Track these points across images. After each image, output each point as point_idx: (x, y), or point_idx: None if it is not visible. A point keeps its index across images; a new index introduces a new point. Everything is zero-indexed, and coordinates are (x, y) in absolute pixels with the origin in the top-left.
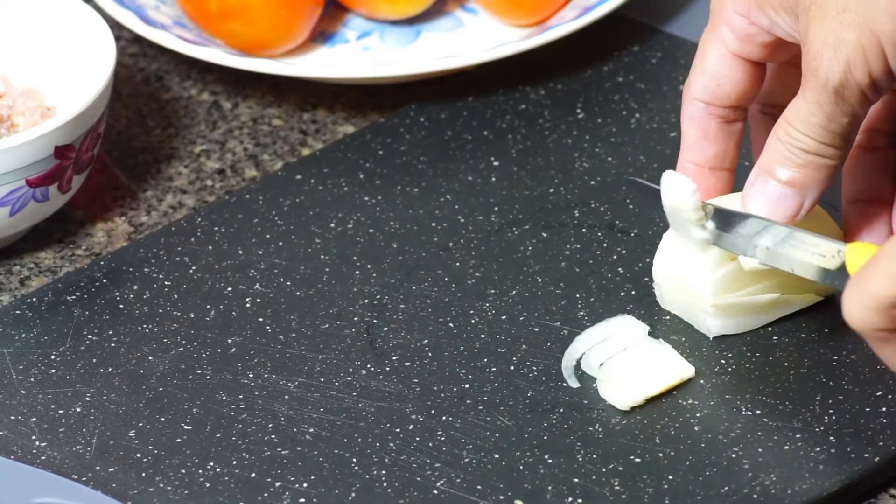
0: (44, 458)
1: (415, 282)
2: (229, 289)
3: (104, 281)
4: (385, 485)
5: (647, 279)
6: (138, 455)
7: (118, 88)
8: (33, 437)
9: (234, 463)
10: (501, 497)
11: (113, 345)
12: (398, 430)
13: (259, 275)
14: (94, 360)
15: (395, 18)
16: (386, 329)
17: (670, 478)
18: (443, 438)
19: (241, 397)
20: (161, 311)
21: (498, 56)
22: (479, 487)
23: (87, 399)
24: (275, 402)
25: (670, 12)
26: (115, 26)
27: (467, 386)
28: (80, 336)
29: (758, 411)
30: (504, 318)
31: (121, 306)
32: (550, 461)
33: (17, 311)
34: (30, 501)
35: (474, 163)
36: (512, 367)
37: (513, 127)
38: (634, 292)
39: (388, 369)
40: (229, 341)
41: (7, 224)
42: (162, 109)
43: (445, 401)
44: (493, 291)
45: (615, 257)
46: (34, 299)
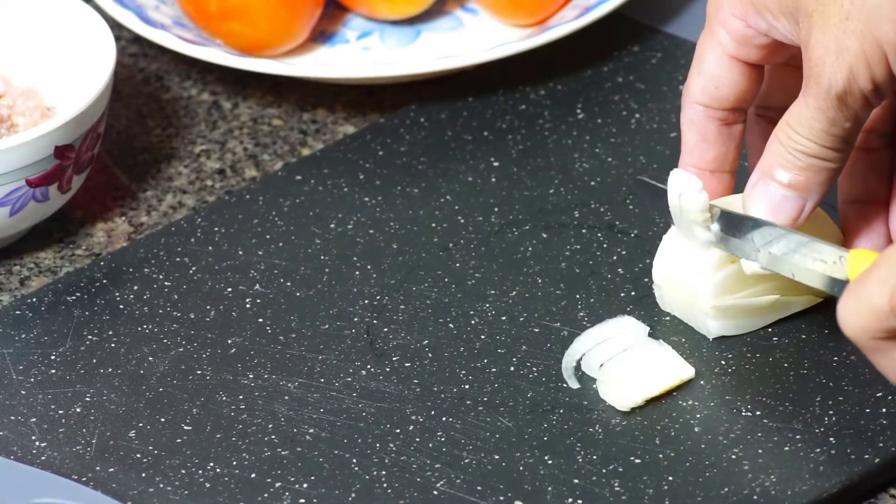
0: (44, 458)
1: (415, 282)
2: (229, 289)
3: (104, 281)
4: (385, 485)
5: (647, 280)
6: (138, 455)
7: (118, 88)
8: (33, 438)
9: (234, 463)
10: (501, 498)
11: (113, 345)
12: (398, 430)
13: (259, 275)
14: (94, 361)
15: (395, 18)
16: (386, 330)
17: (670, 479)
18: (443, 439)
19: (241, 398)
20: (161, 311)
21: (498, 56)
22: (479, 488)
23: (87, 399)
24: (275, 403)
25: (670, 12)
26: (115, 26)
27: (467, 387)
28: (80, 336)
29: (758, 412)
30: (504, 318)
31: (121, 307)
32: (550, 462)
33: (17, 312)
34: (30, 501)
35: (474, 163)
36: (512, 368)
37: (513, 127)
38: (634, 293)
39: (388, 370)
40: (229, 342)
41: (7, 224)
42: (162, 109)
43: (445, 401)
44: (493, 292)
45: (615, 258)
46: (34, 299)
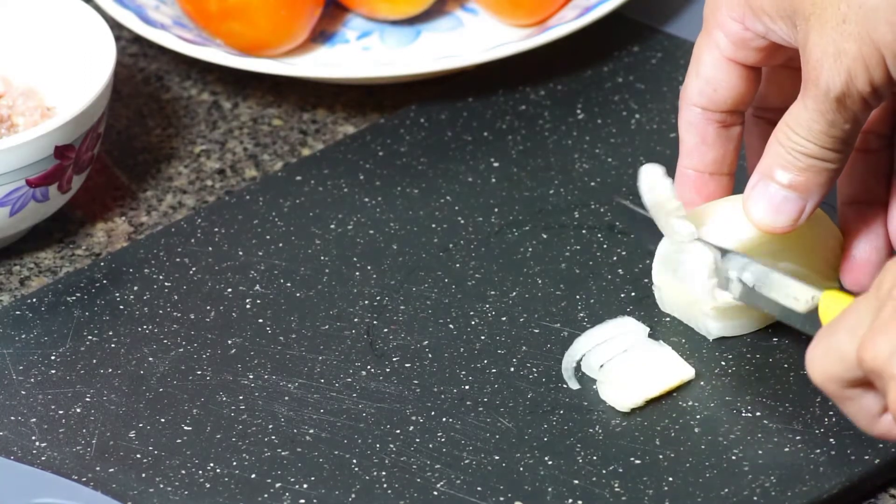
0: (44, 458)
1: (415, 283)
2: (229, 290)
3: (104, 281)
4: (385, 486)
5: (646, 281)
6: (138, 456)
7: (118, 88)
8: (33, 438)
9: (235, 464)
10: (501, 498)
11: (113, 345)
12: (398, 431)
13: (259, 276)
14: (94, 361)
15: (395, 18)
16: (386, 330)
17: (670, 479)
18: (443, 440)
19: (241, 398)
20: (161, 311)
21: (498, 56)
22: (479, 489)
23: (87, 400)
24: (275, 403)
25: (670, 12)
26: (115, 26)
27: (467, 387)
28: (80, 337)
29: (758, 413)
30: (504, 319)
31: (121, 307)
32: (550, 463)
33: (17, 312)
34: (30, 501)
35: (474, 164)
36: (512, 369)
37: (513, 128)
38: (634, 294)
39: (388, 370)
40: (229, 342)
41: (7, 224)
42: (162, 109)
43: (445, 402)
44: (493, 293)
45: (615, 259)
46: (34, 300)
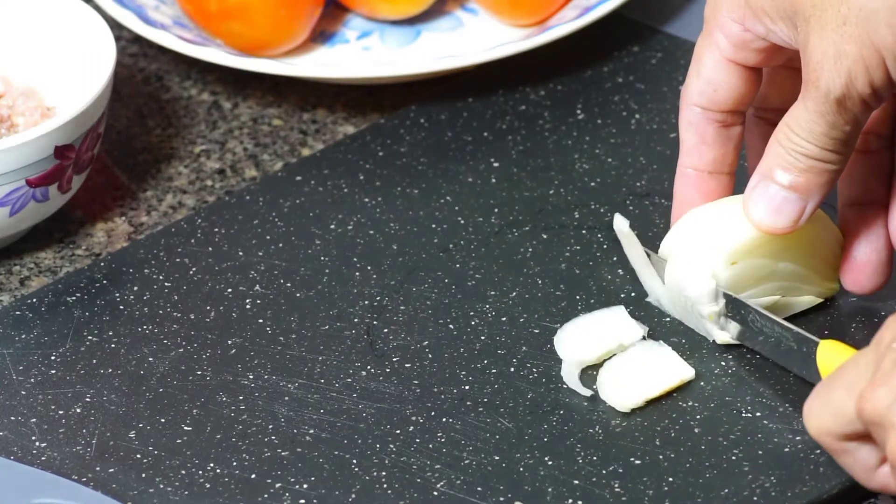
0: (44, 458)
1: (415, 283)
2: (229, 290)
3: (104, 282)
4: (385, 486)
5: None
6: (138, 456)
7: (118, 88)
8: (33, 438)
9: (235, 464)
10: (501, 499)
11: (113, 346)
12: (398, 431)
13: (259, 276)
14: (94, 361)
15: (395, 18)
16: (386, 330)
17: (670, 480)
18: (443, 440)
19: (241, 398)
20: (161, 312)
21: (498, 56)
22: (479, 489)
23: (87, 400)
24: (275, 404)
25: (670, 12)
26: (115, 26)
27: (467, 387)
28: (80, 337)
29: (758, 413)
30: (504, 319)
31: (121, 307)
32: (550, 463)
33: (17, 312)
34: (30, 502)
35: (474, 164)
36: (512, 369)
37: (513, 128)
38: (634, 294)
39: (388, 371)
40: (229, 342)
41: (7, 224)
42: (162, 109)
43: (445, 402)
44: (493, 293)
45: (615, 259)
46: (34, 300)
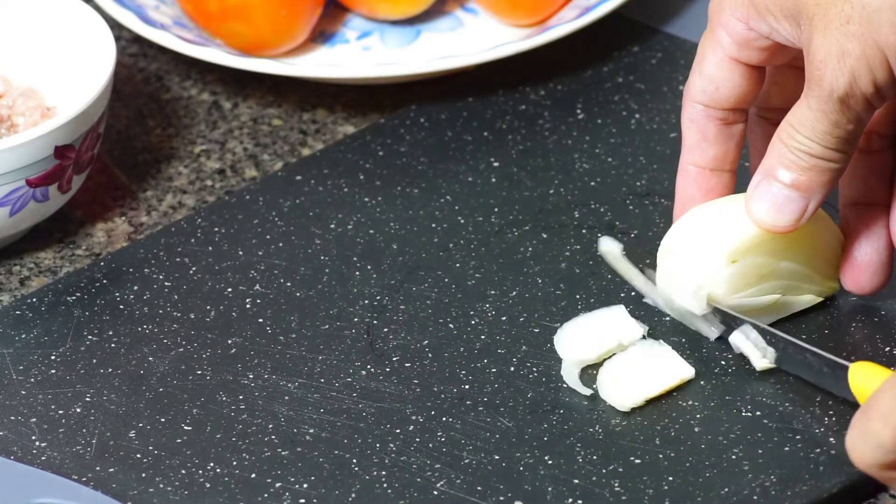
0: (44, 458)
1: (415, 283)
2: (229, 289)
3: (104, 281)
4: (385, 486)
5: None
6: (138, 455)
7: (118, 88)
8: (33, 438)
9: (235, 463)
10: (501, 498)
11: (113, 345)
12: (398, 430)
13: (259, 275)
14: (94, 361)
15: (395, 18)
16: (386, 330)
17: (670, 479)
18: (443, 439)
19: (241, 398)
20: (161, 311)
21: (498, 56)
22: (479, 488)
23: (87, 399)
24: (275, 403)
25: (670, 12)
26: (115, 26)
27: (467, 387)
28: (80, 336)
29: (758, 412)
30: (504, 318)
31: (121, 307)
32: (550, 462)
33: (17, 312)
34: (30, 501)
35: (474, 164)
36: (512, 368)
37: (513, 127)
38: (634, 293)
39: (388, 370)
40: (229, 342)
41: (7, 224)
42: (162, 109)
43: (445, 402)
44: (493, 292)
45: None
46: (34, 299)
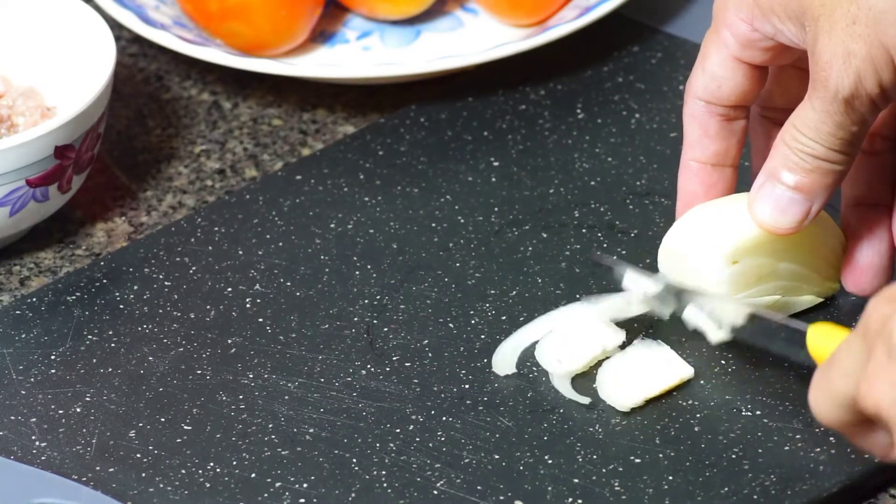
0: (44, 458)
1: (415, 282)
2: (229, 289)
3: (104, 281)
4: (385, 485)
5: None
6: (138, 455)
7: (118, 88)
8: (33, 438)
9: (234, 463)
10: (501, 497)
11: (113, 345)
12: (398, 430)
13: (259, 275)
14: (94, 361)
15: (395, 18)
16: (386, 329)
17: (670, 478)
18: (443, 439)
19: (241, 398)
20: (161, 311)
21: (498, 56)
22: (479, 488)
23: (87, 399)
24: (275, 403)
25: (670, 12)
26: (115, 26)
27: (467, 386)
28: (80, 336)
29: (758, 412)
30: (504, 318)
31: (121, 307)
32: (550, 462)
33: (17, 311)
34: (30, 501)
35: (474, 163)
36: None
37: (513, 127)
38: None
39: (388, 370)
40: (229, 342)
41: (7, 224)
42: (162, 109)
43: (445, 401)
44: (493, 292)
45: (615, 258)
46: (34, 299)
